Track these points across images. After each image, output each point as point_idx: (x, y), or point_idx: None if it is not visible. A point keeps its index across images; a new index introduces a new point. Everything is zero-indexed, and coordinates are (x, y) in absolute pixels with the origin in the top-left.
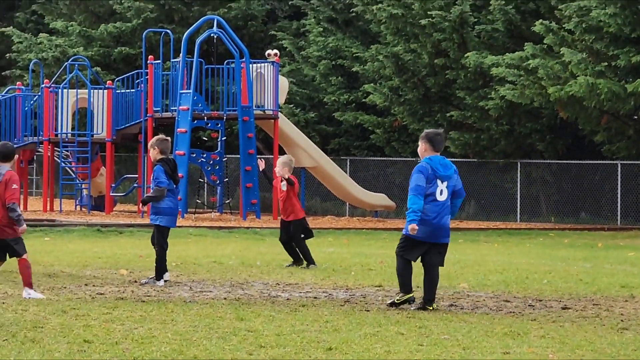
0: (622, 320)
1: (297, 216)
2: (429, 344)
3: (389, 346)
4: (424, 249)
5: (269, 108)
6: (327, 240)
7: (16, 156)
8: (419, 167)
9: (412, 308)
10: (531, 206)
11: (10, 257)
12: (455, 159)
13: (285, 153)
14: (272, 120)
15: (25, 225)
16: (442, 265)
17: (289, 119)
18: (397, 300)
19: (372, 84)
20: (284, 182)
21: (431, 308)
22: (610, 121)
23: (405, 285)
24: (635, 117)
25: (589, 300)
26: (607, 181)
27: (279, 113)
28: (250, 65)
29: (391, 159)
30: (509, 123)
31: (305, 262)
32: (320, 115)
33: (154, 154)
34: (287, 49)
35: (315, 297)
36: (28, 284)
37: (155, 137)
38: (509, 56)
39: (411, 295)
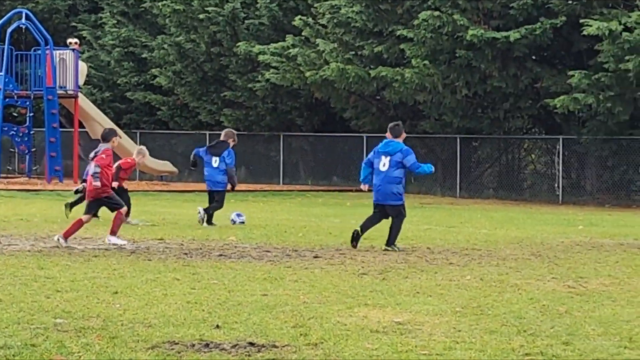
0: (362, 267)
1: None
2: (200, 288)
3: (166, 289)
4: (379, 208)
5: (70, 88)
6: None
7: (115, 137)
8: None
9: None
10: (292, 171)
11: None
12: None
13: (85, 127)
14: (73, 99)
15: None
16: (397, 218)
17: (87, 98)
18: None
19: (158, 68)
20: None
21: (390, 249)
22: (357, 100)
23: (362, 227)
24: (378, 97)
25: (337, 250)
26: (355, 151)
27: (79, 93)
28: (54, 52)
29: (175, 132)
30: (273, 102)
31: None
32: (114, 94)
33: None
34: (86, 38)
35: (106, 249)
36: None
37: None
38: (273, 46)
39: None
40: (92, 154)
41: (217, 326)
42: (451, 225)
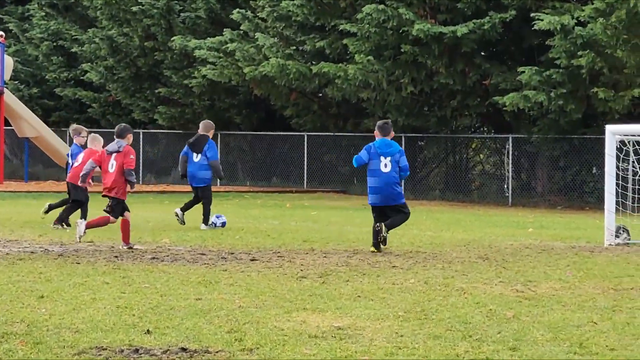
0: (301, 270)
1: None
2: (130, 292)
3: (95, 293)
4: (381, 211)
5: None
6: (47, 201)
7: (130, 134)
8: (367, 145)
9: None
10: (230, 172)
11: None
12: (163, 131)
13: (11, 125)
14: None
15: (135, 186)
16: (402, 213)
17: (14, 94)
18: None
19: (89, 64)
20: None
21: (385, 234)
22: (298, 98)
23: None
24: (320, 94)
25: (275, 253)
26: (296, 150)
27: (5, 89)
28: None
29: (106, 130)
30: (210, 99)
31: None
32: (42, 90)
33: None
34: (13, 31)
35: (32, 252)
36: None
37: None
38: (210, 40)
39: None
40: (110, 148)
41: (148, 331)
42: None
